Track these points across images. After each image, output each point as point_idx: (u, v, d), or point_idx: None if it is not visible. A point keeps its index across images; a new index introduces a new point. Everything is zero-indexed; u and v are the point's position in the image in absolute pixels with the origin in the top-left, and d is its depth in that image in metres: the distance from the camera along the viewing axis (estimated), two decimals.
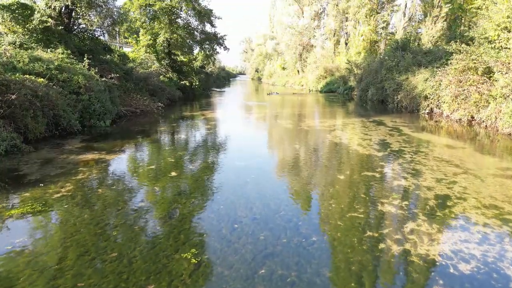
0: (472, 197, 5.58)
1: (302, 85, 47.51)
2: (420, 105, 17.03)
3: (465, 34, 16.66)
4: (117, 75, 15.15)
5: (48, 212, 4.80)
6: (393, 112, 17.92)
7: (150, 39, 26.01)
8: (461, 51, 14.42)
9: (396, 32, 37.32)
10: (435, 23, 29.63)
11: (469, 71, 13.94)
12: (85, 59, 13.90)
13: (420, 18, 35.83)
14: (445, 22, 29.47)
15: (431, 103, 16.19)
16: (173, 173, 6.63)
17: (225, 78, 70.28)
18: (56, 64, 11.96)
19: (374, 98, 23.92)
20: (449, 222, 4.70)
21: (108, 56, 20.06)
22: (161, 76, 24.19)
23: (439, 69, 15.88)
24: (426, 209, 5.09)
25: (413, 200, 5.42)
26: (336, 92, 35.37)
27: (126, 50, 34.69)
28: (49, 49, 14.02)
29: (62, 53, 13.89)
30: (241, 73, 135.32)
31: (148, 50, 26.89)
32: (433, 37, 29.03)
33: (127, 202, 5.15)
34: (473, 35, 14.96)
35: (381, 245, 4.04)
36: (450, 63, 15.03)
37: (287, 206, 5.10)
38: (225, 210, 4.91)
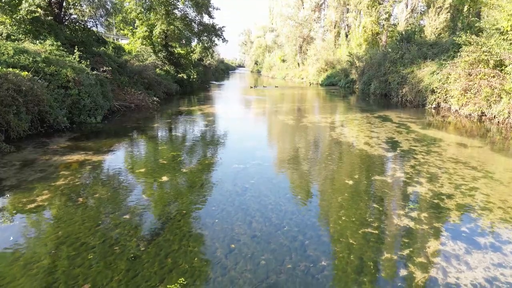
0: (497, 207, 4.97)
1: (302, 78, 46.69)
2: (426, 99, 16.36)
3: (475, 25, 15.88)
4: (110, 68, 14.44)
5: (16, 228, 4.17)
6: (397, 107, 17.27)
7: (146, 31, 25.14)
8: (471, 43, 13.70)
9: (398, 24, 36.54)
10: (438, 15, 28.86)
11: (479, 63, 13.25)
12: (75, 51, 13.20)
13: (423, 9, 35.08)
14: (448, 14, 28.68)
15: (438, 97, 15.53)
16: (164, 178, 6.00)
17: (224, 71, 69.36)
18: (43, 56, 11.25)
19: (377, 92, 23.23)
20: (477, 240, 4.09)
21: (102, 48, 19.34)
22: (157, 69, 23.44)
23: (448, 62, 15.16)
24: (449, 223, 4.48)
25: (432, 212, 4.80)
26: (337, 86, 34.62)
27: (124, 42, 33.79)
28: (38, 41, 13.34)
29: (52, 45, 13.19)
30: (240, 66, 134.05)
31: (144, 42, 26.08)
32: (436, 28, 28.29)
33: (109, 215, 4.52)
34: (483, 25, 14.22)
35: (403, 272, 3.43)
36: (460, 55, 14.33)
37: (291, 220, 4.47)
38: (221, 225, 4.29)
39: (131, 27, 28.38)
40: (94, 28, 19.11)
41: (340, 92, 27.90)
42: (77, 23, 16.81)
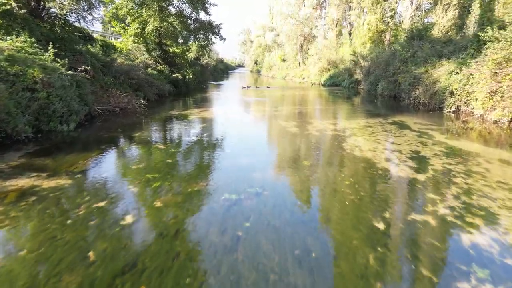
0: None
1: (303, 78, 45.07)
2: (444, 102, 14.74)
3: (499, 19, 14.29)
4: (89, 67, 12.84)
5: None
6: (410, 110, 15.65)
7: (138, 28, 23.52)
8: (499, 39, 12.10)
9: (402, 22, 35.23)
10: (446, 12, 27.48)
11: (509, 62, 11.64)
12: (49, 48, 11.60)
13: (427, 7, 33.77)
14: (456, 11, 27.30)
15: (458, 100, 13.91)
16: (128, 219, 4.40)
17: (223, 71, 67.82)
18: (6, 54, 9.65)
19: (385, 93, 21.63)
20: None
21: (88, 45, 17.81)
22: (149, 69, 21.84)
23: (472, 61, 13.52)
24: None
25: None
26: (341, 86, 33.01)
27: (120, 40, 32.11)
28: (8, 37, 11.74)
29: (25, 42, 11.59)
30: (240, 65, 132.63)
31: (136, 40, 24.43)
32: (444, 26, 26.88)
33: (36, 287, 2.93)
34: (510, 20, 12.61)
35: None
36: (484, 53, 12.73)
37: None
38: None
39: (123, 24, 26.77)
40: (83, 24, 17.57)
41: (344, 93, 26.28)
42: (58, 18, 15.17)
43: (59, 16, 15.17)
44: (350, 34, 42.28)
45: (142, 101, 14.76)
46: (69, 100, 10.36)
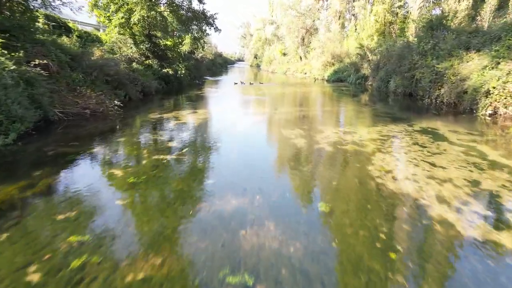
0: None
1: (305, 73, 42.61)
2: (477, 103, 12.38)
3: None
4: (44, 61, 10.53)
5: None
6: (432, 111, 13.29)
7: (123, 17, 21.06)
8: None
9: (410, 13, 33.03)
10: (459, 2, 25.29)
11: None
12: None
13: None
14: (470, 1, 25.11)
15: (496, 100, 11.57)
16: None
17: (222, 65, 65.32)
18: None
19: (398, 91, 19.26)
20: None
21: (64, 36, 15.56)
22: (134, 63, 19.46)
23: None
24: None
25: None
26: (346, 82, 30.57)
27: None
28: None
29: None
30: (240, 60, 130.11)
31: (122, 31, 21.98)
32: (457, 17, 24.66)
33: None
34: None
35: None
36: None
37: None
38: None
39: (108, 14, 24.32)
40: (41, 9, 15.24)
41: (351, 90, 23.88)
42: (17, 3, 12.78)
43: (20, 1, 12.78)
44: (356, 27, 39.91)
45: (116, 102, 12.41)
46: (11, 103, 8.07)
